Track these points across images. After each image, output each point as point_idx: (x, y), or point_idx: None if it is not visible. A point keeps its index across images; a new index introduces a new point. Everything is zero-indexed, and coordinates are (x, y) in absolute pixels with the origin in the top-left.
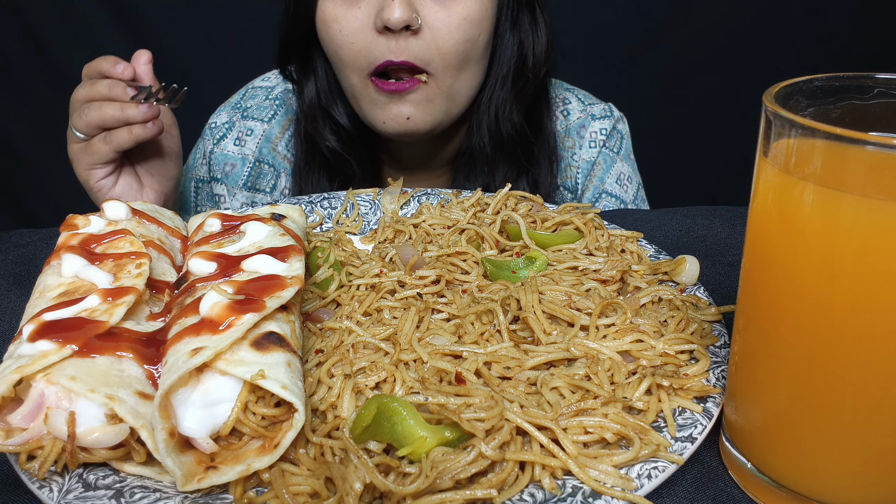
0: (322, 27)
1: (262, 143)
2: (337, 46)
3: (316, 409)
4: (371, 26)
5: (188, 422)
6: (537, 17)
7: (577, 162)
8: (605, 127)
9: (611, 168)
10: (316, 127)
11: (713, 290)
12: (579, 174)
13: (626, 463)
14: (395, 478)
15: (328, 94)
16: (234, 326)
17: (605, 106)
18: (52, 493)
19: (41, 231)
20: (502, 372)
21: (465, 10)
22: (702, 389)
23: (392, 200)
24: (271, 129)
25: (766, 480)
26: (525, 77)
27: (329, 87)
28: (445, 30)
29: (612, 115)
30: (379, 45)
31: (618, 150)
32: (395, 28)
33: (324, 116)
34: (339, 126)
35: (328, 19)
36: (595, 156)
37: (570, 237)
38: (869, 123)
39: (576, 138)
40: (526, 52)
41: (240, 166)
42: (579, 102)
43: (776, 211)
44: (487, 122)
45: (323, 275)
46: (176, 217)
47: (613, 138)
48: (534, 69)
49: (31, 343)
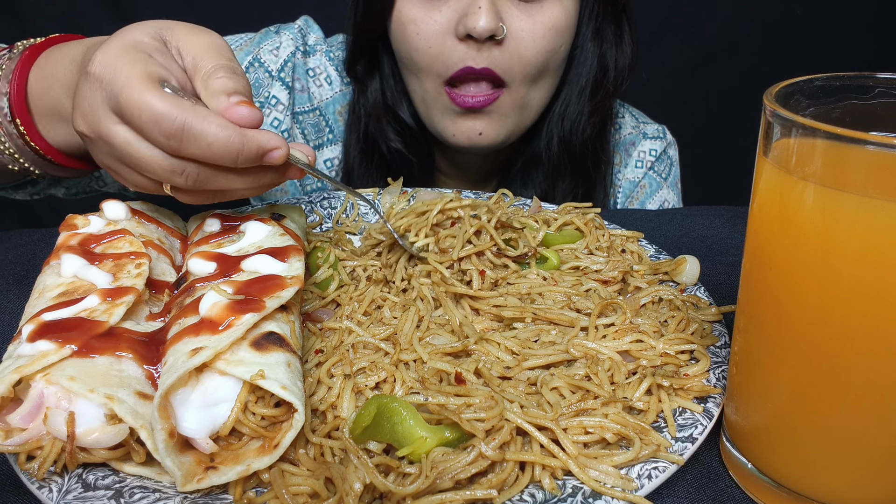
0: (398, 28)
1: (335, 96)
2: (412, 49)
3: (316, 409)
4: (451, 31)
5: (188, 422)
6: (623, 28)
7: (619, 180)
8: (655, 148)
9: (655, 193)
10: (380, 126)
11: (713, 290)
12: (620, 193)
13: (627, 463)
14: (395, 478)
15: (395, 93)
16: (234, 326)
17: (659, 127)
18: (51, 493)
19: (41, 231)
20: (502, 372)
21: (550, 19)
22: (702, 389)
23: (392, 200)
24: (346, 94)
25: (766, 480)
26: (605, 90)
27: (395, 87)
28: (529, 39)
29: (664, 137)
30: (458, 51)
31: (666, 175)
32: (481, 38)
33: (388, 116)
34: (405, 126)
35: (405, 20)
36: (640, 177)
37: (570, 237)
38: (869, 123)
39: (623, 155)
40: (607, 64)
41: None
42: (632, 118)
43: (776, 211)
44: (559, 133)
45: (323, 275)
46: (175, 217)
47: (663, 163)
48: (615, 82)
49: (31, 343)
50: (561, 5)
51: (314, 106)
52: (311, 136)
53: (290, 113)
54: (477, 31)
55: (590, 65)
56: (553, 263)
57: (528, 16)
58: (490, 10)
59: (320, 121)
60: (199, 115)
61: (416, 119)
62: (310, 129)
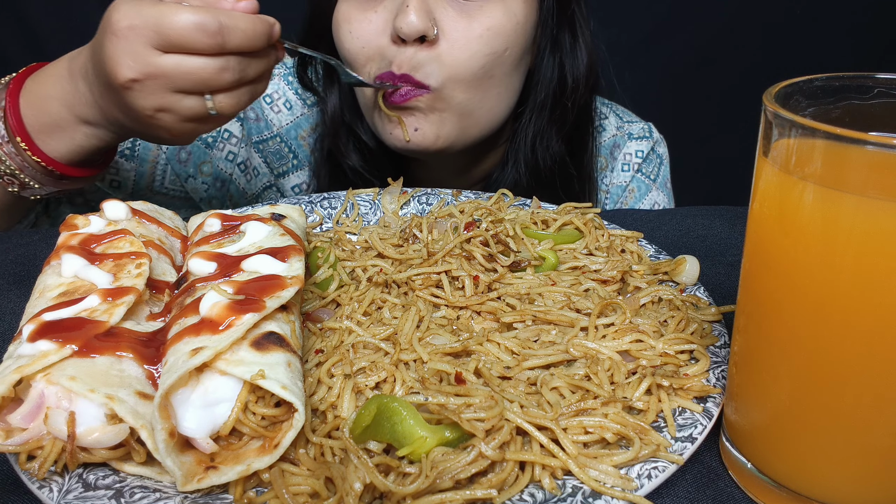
0: (335, 28)
1: (296, 121)
2: (346, 50)
3: (316, 409)
4: (386, 32)
5: (188, 422)
6: (576, 35)
7: (606, 186)
8: (641, 149)
9: (644, 197)
10: (338, 144)
11: (713, 290)
12: (608, 200)
13: (626, 463)
14: (395, 478)
15: (352, 108)
16: (234, 326)
17: (645, 125)
18: (51, 493)
19: (41, 231)
20: (502, 372)
21: (490, 20)
22: (702, 389)
23: (392, 200)
24: (308, 117)
25: (766, 480)
26: (563, 105)
27: (354, 102)
28: (464, 41)
29: (650, 136)
30: (390, 53)
31: (654, 176)
32: (409, 38)
33: (347, 133)
34: (363, 144)
35: (341, 19)
36: (628, 181)
37: (570, 237)
38: (869, 123)
39: (608, 159)
40: (566, 76)
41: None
42: (616, 118)
43: (776, 211)
44: (524, 152)
45: (323, 275)
46: (176, 217)
47: (651, 163)
48: (573, 95)
49: (31, 343)
50: (503, 6)
51: (274, 133)
52: (275, 164)
53: (245, 144)
54: (405, 32)
55: (549, 77)
56: (551, 263)
57: (465, 16)
58: (419, 8)
59: (282, 147)
60: (226, 12)
61: (377, 137)
62: (272, 156)
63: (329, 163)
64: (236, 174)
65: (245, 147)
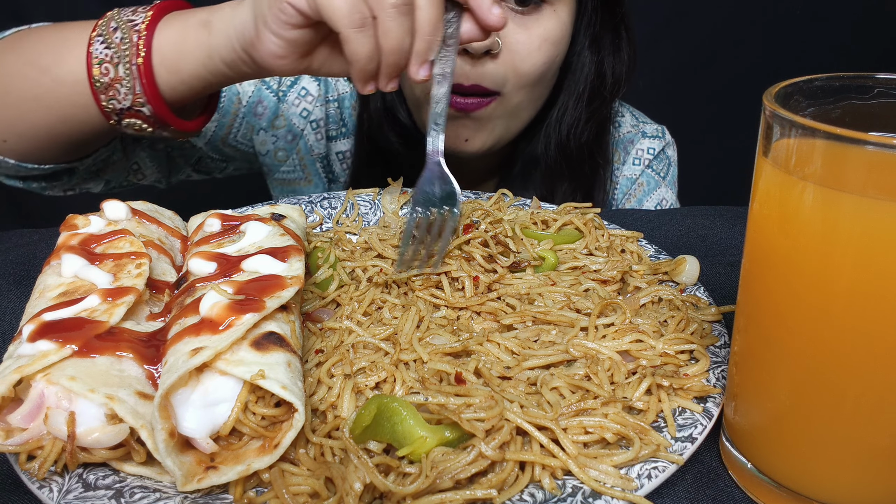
0: None
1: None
2: None
3: (316, 409)
4: None
5: (188, 422)
6: (621, 37)
7: (617, 178)
8: (653, 147)
9: (653, 192)
10: (380, 128)
11: (713, 290)
12: (618, 190)
13: (626, 463)
14: (395, 478)
15: (393, 96)
16: (234, 326)
17: (659, 127)
18: (51, 493)
19: (41, 231)
20: (502, 372)
21: (545, 31)
22: (702, 389)
23: (392, 200)
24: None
25: (766, 480)
26: (602, 97)
27: None
28: (525, 52)
29: (663, 136)
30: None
31: (664, 174)
32: (476, 54)
33: (388, 119)
34: (404, 128)
35: None
36: (638, 174)
37: (569, 237)
38: (869, 123)
39: (622, 152)
40: (605, 72)
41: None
42: (632, 117)
43: (776, 211)
44: (557, 138)
45: (323, 275)
46: (176, 217)
47: (661, 161)
48: (611, 89)
49: (31, 343)
50: (556, 17)
51: (336, 97)
52: (332, 126)
53: (322, 103)
54: (474, 48)
55: (587, 72)
56: (551, 263)
57: (524, 28)
58: None
59: (338, 113)
60: None
61: (413, 120)
62: (333, 118)
63: (368, 142)
64: (308, 130)
65: (320, 106)
